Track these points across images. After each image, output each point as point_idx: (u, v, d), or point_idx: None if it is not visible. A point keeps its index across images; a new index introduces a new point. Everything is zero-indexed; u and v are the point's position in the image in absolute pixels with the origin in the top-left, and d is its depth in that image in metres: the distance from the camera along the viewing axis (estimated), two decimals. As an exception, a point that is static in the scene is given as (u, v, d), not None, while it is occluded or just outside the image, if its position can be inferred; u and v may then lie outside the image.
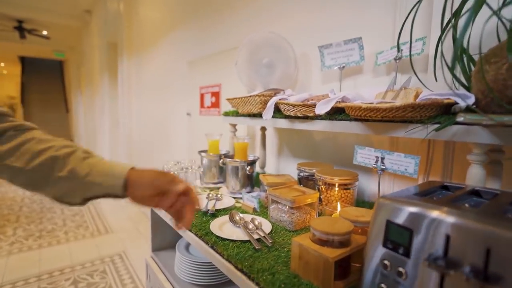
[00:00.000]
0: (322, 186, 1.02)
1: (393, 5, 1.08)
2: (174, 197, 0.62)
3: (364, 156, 0.83)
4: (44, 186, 0.59)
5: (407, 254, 0.48)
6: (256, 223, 0.88)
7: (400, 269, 0.48)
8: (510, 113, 0.54)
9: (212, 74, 2.15)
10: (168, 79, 3.01)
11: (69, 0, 5.68)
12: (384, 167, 0.78)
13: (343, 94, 0.82)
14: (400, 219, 0.49)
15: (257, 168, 1.53)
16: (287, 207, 0.91)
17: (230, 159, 1.22)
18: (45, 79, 10.68)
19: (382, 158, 0.79)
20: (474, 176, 0.67)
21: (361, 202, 1.12)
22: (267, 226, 0.88)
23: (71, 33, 7.83)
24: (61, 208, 3.70)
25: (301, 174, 1.19)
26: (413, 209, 0.48)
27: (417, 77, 0.79)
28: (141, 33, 3.71)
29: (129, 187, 0.60)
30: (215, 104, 2.08)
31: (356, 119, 0.85)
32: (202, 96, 2.25)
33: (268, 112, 1.06)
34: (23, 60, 10.26)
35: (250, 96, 1.16)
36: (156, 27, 3.23)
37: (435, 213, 0.45)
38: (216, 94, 2.08)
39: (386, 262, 0.50)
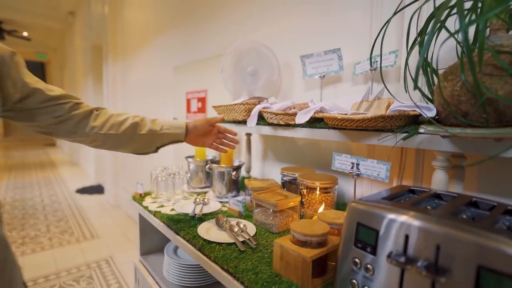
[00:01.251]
0: (304, 190, 1.08)
1: (369, 16, 1.15)
2: (215, 135, 1.00)
3: (341, 162, 0.89)
4: (128, 144, 0.87)
5: (373, 252, 0.53)
6: (241, 226, 0.93)
7: (368, 265, 0.54)
8: (464, 125, 0.61)
9: (198, 79, 2.18)
10: (154, 84, 3.02)
11: (50, 2, 5.58)
12: (359, 172, 0.85)
13: (321, 105, 0.88)
14: (368, 221, 0.55)
15: (243, 173, 1.58)
16: (271, 211, 0.97)
17: (216, 165, 1.26)
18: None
19: (357, 164, 0.85)
20: (439, 180, 0.74)
21: (342, 204, 1.19)
22: (251, 229, 0.93)
23: (53, 35, 7.67)
24: (45, 214, 3.63)
25: (285, 178, 1.25)
26: (379, 212, 0.54)
27: (387, 89, 0.85)
28: (126, 36, 3.69)
29: (187, 133, 0.93)
30: (202, 110, 2.12)
31: (334, 128, 0.92)
32: (188, 101, 2.28)
33: (252, 120, 1.11)
34: (2, 62, 9.93)
35: (235, 104, 1.21)
36: (142, 31, 3.23)
37: (397, 216, 0.51)
38: (202, 100, 2.11)
39: (356, 260, 0.56)
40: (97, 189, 4.70)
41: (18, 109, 0.73)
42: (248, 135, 1.57)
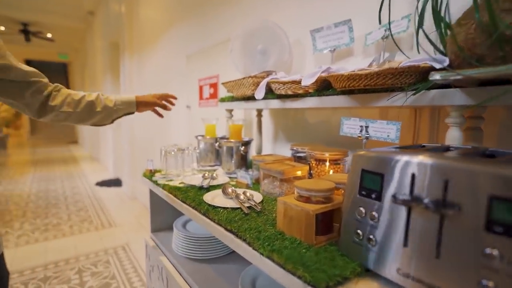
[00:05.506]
0: (312, 162, 1.05)
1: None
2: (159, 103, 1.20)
3: (350, 126, 0.86)
4: (88, 119, 1.02)
5: (379, 197, 0.51)
6: (248, 194, 0.92)
7: (373, 213, 0.51)
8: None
9: (210, 66, 2.19)
10: (168, 75, 3.07)
11: (72, 2, 5.78)
12: (368, 135, 0.81)
13: (327, 66, 0.86)
14: (373, 167, 0.52)
15: (254, 153, 1.56)
16: (278, 181, 0.95)
17: (225, 140, 1.25)
18: (51, 82, 10.81)
19: (366, 127, 0.82)
20: (453, 138, 0.69)
21: (353, 179, 1.15)
22: (258, 197, 0.92)
23: (75, 35, 7.95)
24: (66, 204, 3.76)
25: (295, 154, 1.22)
26: (384, 155, 0.51)
27: (401, 51, 0.82)
28: (141, 32, 3.77)
29: (137, 106, 1.13)
30: (214, 95, 2.13)
31: (342, 93, 0.89)
32: (201, 88, 2.29)
33: (260, 91, 1.10)
34: (29, 63, 10.41)
35: (243, 78, 1.20)
36: (156, 25, 3.29)
37: (403, 157, 0.48)
38: (214, 85, 2.12)
39: (361, 208, 0.53)
40: (115, 182, 4.83)
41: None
42: (259, 116, 1.56)
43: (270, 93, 1.17)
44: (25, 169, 6.08)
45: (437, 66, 0.65)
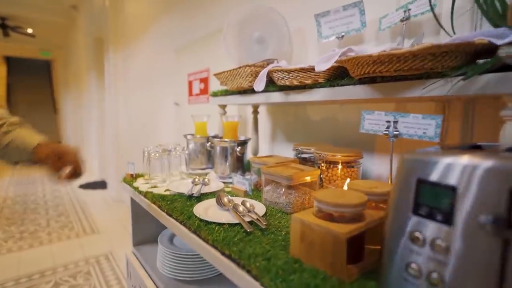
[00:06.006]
0: (322, 165, 0.90)
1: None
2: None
3: (373, 122, 0.71)
4: None
5: (448, 220, 0.35)
6: (248, 205, 0.75)
7: (438, 241, 0.36)
8: None
9: (200, 59, 2.01)
10: (155, 71, 2.87)
11: (53, -6, 5.49)
12: (397, 132, 0.66)
13: (347, 47, 0.70)
14: (437, 176, 0.37)
15: (250, 155, 1.40)
16: (283, 189, 0.79)
17: (219, 140, 1.09)
18: (33, 80, 10.37)
19: (395, 122, 0.66)
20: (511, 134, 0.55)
21: (366, 183, 1.00)
22: (260, 209, 0.75)
23: (58, 31, 7.60)
24: (46, 209, 3.52)
25: (299, 155, 1.07)
26: (456, 160, 0.35)
27: (443, 28, 0.67)
28: (127, 27, 3.57)
29: (38, 160, 0.79)
30: (204, 91, 1.95)
31: (361, 82, 0.73)
32: (190, 83, 2.12)
33: (260, 82, 0.93)
34: (9, 60, 9.95)
35: (240, 68, 1.03)
36: (142, 19, 3.09)
37: (494, 162, 0.33)
38: (204, 80, 1.94)
39: (417, 234, 0.38)
40: (100, 185, 4.59)
41: None
42: (255, 113, 1.40)
43: (271, 85, 1.01)
44: (2, 171, 5.74)
45: (499, 42, 0.50)
